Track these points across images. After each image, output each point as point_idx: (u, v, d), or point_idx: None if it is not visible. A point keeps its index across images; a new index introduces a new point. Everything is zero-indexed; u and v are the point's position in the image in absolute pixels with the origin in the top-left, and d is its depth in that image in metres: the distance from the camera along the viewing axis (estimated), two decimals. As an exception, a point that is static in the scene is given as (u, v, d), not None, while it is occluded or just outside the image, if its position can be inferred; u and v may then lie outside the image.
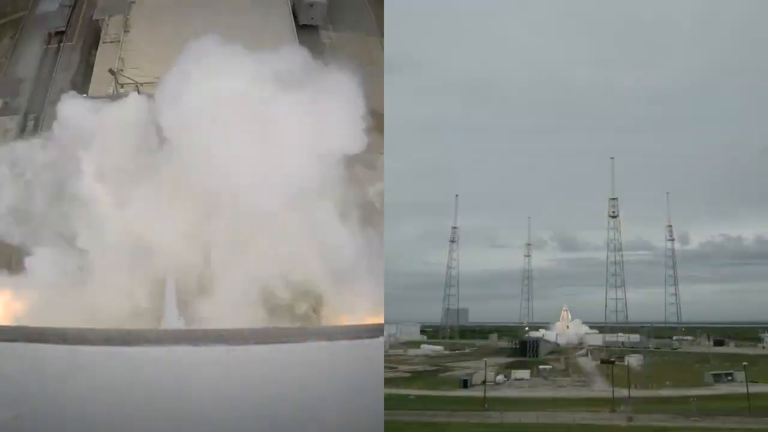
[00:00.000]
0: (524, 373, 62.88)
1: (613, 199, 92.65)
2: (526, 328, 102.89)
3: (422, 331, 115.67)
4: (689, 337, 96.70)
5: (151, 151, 26.06)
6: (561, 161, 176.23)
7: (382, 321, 35.13)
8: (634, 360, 66.76)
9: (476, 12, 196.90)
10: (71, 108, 27.77)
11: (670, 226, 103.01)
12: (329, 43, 39.52)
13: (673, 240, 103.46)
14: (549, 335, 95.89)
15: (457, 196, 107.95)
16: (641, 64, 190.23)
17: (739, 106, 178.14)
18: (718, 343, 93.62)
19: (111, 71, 32.00)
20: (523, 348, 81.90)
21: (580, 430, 39.79)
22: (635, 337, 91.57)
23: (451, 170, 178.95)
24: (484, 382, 55.16)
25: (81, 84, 35.67)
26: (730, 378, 57.48)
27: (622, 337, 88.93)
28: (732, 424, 39.36)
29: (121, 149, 26.15)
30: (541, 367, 66.83)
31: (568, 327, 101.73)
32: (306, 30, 39.44)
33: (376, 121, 27.96)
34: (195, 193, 24.53)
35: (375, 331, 8.24)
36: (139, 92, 29.72)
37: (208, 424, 6.67)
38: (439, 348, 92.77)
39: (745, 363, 53.35)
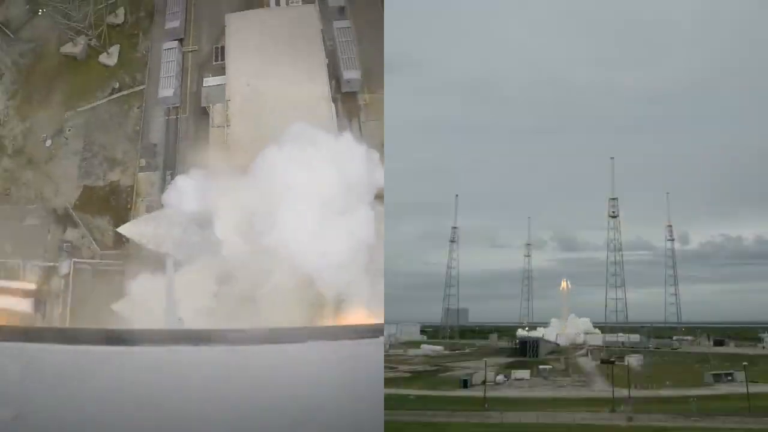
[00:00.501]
0: (524, 373, 62.90)
1: (613, 199, 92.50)
2: (526, 328, 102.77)
3: (422, 331, 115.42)
4: (689, 337, 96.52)
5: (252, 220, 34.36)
6: (561, 161, 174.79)
7: (382, 321, 36.68)
8: (634, 360, 66.75)
9: (476, 12, 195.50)
10: (198, 181, 36.92)
11: (670, 226, 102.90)
12: (364, 104, 47.39)
13: (673, 240, 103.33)
14: (549, 334, 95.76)
15: (457, 196, 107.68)
16: (641, 64, 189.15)
17: (739, 106, 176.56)
18: (718, 343, 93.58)
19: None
20: (523, 348, 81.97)
21: (580, 430, 39.86)
22: (635, 337, 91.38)
23: (451, 170, 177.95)
24: (484, 382, 55.23)
25: (200, 150, 44.23)
26: (730, 378, 57.51)
27: (622, 337, 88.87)
28: (732, 424, 39.44)
29: (236, 218, 34.91)
30: (541, 367, 66.83)
31: (568, 321, 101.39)
32: (346, 94, 47.42)
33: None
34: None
35: (375, 331, 8.21)
36: None
37: (208, 424, 6.65)
38: (439, 348, 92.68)
39: (745, 363, 53.40)
